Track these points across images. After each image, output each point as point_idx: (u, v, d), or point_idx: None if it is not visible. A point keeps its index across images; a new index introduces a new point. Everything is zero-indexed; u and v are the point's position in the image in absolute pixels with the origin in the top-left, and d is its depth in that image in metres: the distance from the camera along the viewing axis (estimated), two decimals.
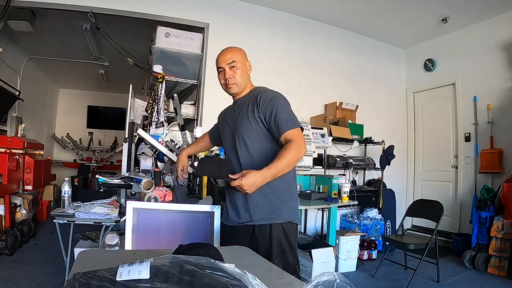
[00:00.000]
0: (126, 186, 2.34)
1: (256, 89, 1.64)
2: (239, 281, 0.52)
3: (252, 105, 1.55)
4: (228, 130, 1.67)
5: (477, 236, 3.56)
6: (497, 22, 4.01)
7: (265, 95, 1.54)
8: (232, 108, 1.71)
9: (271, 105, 1.51)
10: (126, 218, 1.35)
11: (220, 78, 1.63)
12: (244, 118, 1.56)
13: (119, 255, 1.05)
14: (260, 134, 1.53)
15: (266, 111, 1.51)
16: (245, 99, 1.63)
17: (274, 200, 1.51)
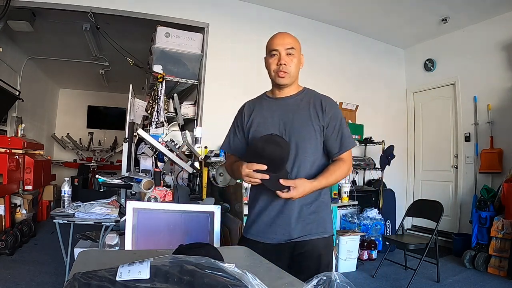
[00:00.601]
0: (126, 186, 2.34)
1: (308, 91, 1.47)
2: (239, 281, 0.52)
3: (314, 110, 1.38)
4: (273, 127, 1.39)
5: (477, 236, 3.56)
6: (497, 22, 4.01)
7: (330, 102, 1.40)
8: (273, 105, 1.44)
9: (337, 116, 1.38)
10: (126, 218, 1.35)
11: (271, 63, 1.39)
12: (306, 123, 1.37)
13: (119, 255, 1.05)
14: (318, 145, 1.38)
15: (330, 122, 1.36)
16: (297, 99, 1.43)
17: (324, 214, 1.41)
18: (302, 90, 1.47)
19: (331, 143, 1.37)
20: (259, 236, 1.39)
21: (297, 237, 1.34)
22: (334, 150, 1.38)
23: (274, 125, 1.39)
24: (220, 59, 3.81)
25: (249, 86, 3.98)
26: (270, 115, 1.42)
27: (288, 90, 1.44)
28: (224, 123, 3.88)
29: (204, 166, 2.57)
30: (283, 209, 1.36)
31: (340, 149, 1.37)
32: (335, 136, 1.36)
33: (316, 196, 1.37)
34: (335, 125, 1.37)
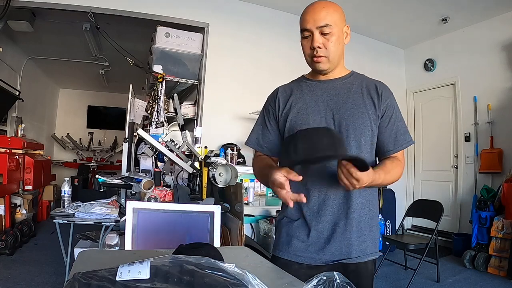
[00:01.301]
0: (126, 186, 2.34)
1: (357, 74, 1.20)
2: (239, 281, 0.52)
3: (369, 96, 1.12)
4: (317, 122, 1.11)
5: (477, 236, 3.56)
6: (497, 22, 4.01)
7: (386, 88, 1.15)
8: (317, 88, 1.16)
9: (393, 106, 1.14)
10: (126, 218, 1.35)
11: (304, 45, 1.12)
12: (361, 110, 1.10)
13: (119, 255, 1.05)
14: (374, 140, 1.13)
15: (386, 111, 1.12)
16: (346, 82, 1.15)
17: (375, 229, 1.16)
18: (350, 74, 1.19)
19: (384, 138, 1.12)
20: (297, 256, 1.11)
21: (355, 257, 1.09)
22: (387, 147, 1.13)
23: (319, 112, 1.11)
24: (220, 59, 3.81)
25: (249, 86, 4.00)
26: (313, 100, 1.14)
27: (332, 74, 1.16)
28: (224, 123, 3.93)
29: (204, 166, 2.57)
30: (338, 221, 1.09)
31: (395, 146, 1.12)
32: (390, 129, 1.12)
33: (369, 206, 1.14)
34: (391, 116, 1.12)
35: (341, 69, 1.17)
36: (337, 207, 1.10)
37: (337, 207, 1.10)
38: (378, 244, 1.17)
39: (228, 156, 3.34)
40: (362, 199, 1.12)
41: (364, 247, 1.11)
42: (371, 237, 1.13)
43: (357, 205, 1.11)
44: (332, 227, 1.09)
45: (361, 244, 1.10)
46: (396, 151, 1.13)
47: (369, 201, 1.14)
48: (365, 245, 1.11)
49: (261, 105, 1.32)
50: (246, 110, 3.75)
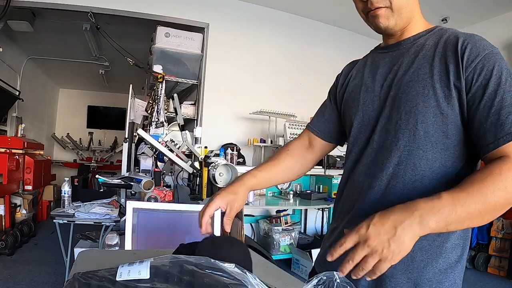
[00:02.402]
0: (126, 186, 2.34)
1: (440, 29, 0.82)
2: (239, 281, 0.52)
3: (442, 57, 0.73)
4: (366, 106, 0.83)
5: (477, 236, 3.57)
6: (497, 22, 4.01)
7: (474, 43, 0.71)
8: (380, 59, 0.88)
9: (489, 69, 0.67)
10: (126, 218, 1.35)
11: (356, 1, 0.87)
12: (422, 84, 0.73)
13: (119, 255, 1.05)
14: (448, 128, 0.71)
15: (475, 79, 0.68)
16: (417, 40, 0.81)
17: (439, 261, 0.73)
18: (429, 30, 0.84)
19: (478, 124, 0.67)
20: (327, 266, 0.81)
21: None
22: (485, 139, 0.66)
23: (373, 90, 0.83)
24: (220, 59, 3.81)
25: (250, 86, 4.00)
26: (372, 74, 0.86)
27: (405, 33, 0.84)
28: (224, 123, 3.93)
29: (204, 166, 2.57)
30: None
31: (498, 130, 0.64)
32: (487, 107, 0.66)
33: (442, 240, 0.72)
34: (487, 85, 0.67)
35: (416, 24, 0.84)
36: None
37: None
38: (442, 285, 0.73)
39: (228, 156, 3.34)
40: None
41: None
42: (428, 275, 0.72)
43: None
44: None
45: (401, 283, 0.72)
46: (502, 140, 0.63)
47: None
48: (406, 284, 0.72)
49: (261, 105, 1.27)
50: (246, 110, 3.75)
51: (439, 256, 0.72)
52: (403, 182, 0.73)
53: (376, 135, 0.79)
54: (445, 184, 0.71)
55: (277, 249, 3.30)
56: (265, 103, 3.61)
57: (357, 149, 0.84)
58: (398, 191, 0.73)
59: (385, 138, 0.77)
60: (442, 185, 0.71)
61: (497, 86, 0.66)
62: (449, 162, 0.72)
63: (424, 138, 0.72)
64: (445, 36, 0.77)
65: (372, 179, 0.77)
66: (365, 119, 0.83)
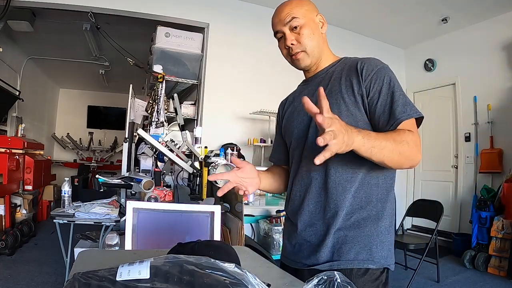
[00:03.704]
0: (126, 186, 2.34)
1: (346, 58, 1.08)
2: (239, 281, 0.52)
3: (347, 76, 0.99)
4: (299, 124, 1.08)
5: (477, 236, 3.57)
6: (497, 22, 4.01)
7: (370, 62, 0.97)
8: (305, 89, 1.12)
9: (381, 78, 0.94)
10: (126, 218, 1.35)
11: (281, 48, 1.10)
12: (335, 98, 0.97)
13: (119, 255, 1.05)
14: (357, 123, 0.94)
15: (371, 86, 0.94)
16: (328, 70, 1.07)
17: (372, 231, 0.96)
18: (337, 61, 1.09)
19: (378, 116, 0.93)
20: (286, 258, 1.11)
21: (323, 263, 0.96)
22: (382, 124, 0.92)
23: (302, 114, 1.07)
24: (220, 59, 3.81)
25: (250, 86, 4.00)
26: (300, 102, 1.01)
27: (320, 65, 1.09)
28: (224, 123, 3.92)
29: (204, 166, 2.57)
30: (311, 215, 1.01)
31: (390, 120, 0.91)
32: (383, 103, 0.92)
33: (364, 201, 0.96)
34: (381, 89, 0.93)
35: (327, 59, 1.09)
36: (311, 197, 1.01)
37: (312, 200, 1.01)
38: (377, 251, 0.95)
39: (228, 156, 3.34)
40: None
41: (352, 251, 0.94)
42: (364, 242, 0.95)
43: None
44: (305, 225, 1.02)
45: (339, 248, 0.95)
46: (395, 123, 0.89)
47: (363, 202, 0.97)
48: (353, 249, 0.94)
49: (261, 105, 1.37)
50: (246, 110, 3.75)
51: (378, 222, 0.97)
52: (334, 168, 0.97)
53: (309, 140, 1.02)
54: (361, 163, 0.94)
55: (277, 249, 3.30)
56: (265, 103, 3.61)
57: (297, 155, 1.07)
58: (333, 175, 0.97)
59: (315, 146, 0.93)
60: (357, 167, 0.96)
61: (387, 90, 0.93)
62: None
63: None
64: (349, 62, 1.03)
65: (314, 173, 1.01)
66: (299, 133, 1.07)
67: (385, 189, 0.99)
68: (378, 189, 0.98)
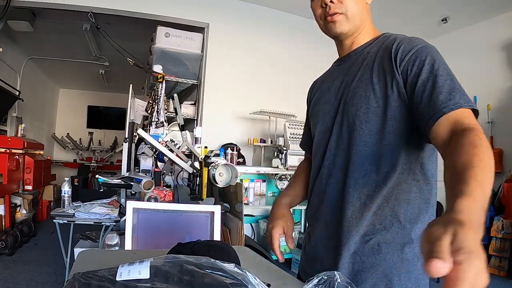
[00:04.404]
0: (126, 186, 2.34)
1: (385, 36, 0.88)
2: (239, 281, 0.52)
3: (380, 61, 0.81)
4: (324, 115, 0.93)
5: None
6: (497, 22, 4.01)
7: (407, 42, 0.80)
8: (336, 71, 0.97)
9: (421, 59, 0.75)
10: (126, 218, 1.35)
11: (314, 8, 0.89)
12: (364, 85, 0.82)
13: (119, 255, 1.05)
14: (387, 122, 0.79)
15: (409, 72, 0.75)
16: (364, 50, 0.89)
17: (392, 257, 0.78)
18: (376, 38, 0.90)
19: (419, 108, 0.73)
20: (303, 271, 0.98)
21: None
22: (424, 118, 0.71)
23: (329, 100, 0.92)
24: (220, 59, 3.81)
25: (249, 86, 4.00)
26: (329, 86, 0.95)
27: (356, 41, 0.90)
28: (224, 123, 3.93)
29: (204, 166, 2.57)
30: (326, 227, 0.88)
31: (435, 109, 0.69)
32: (420, 90, 0.73)
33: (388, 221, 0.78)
34: (420, 73, 0.74)
35: (366, 34, 0.90)
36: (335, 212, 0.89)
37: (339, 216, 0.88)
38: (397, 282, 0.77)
39: (228, 156, 3.34)
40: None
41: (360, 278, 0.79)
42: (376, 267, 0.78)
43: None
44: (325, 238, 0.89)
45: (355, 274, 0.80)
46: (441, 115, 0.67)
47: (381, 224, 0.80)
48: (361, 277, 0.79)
49: (261, 105, 1.29)
50: (246, 110, 3.75)
51: (404, 247, 0.78)
52: (354, 178, 0.82)
53: (332, 139, 0.88)
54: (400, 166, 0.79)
55: None
56: (265, 103, 3.61)
57: (319, 154, 0.92)
58: (352, 185, 0.82)
59: (340, 141, 0.86)
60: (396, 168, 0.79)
61: (429, 73, 0.73)
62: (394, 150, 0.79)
63: (369, 137, 0.81)
64: (387, 42, 0.85)
65: (332, 180, 0.87)
66: (324, 126, 0.92)
67: (417, 206, 0.79)
68: (408, 207, 0.78)
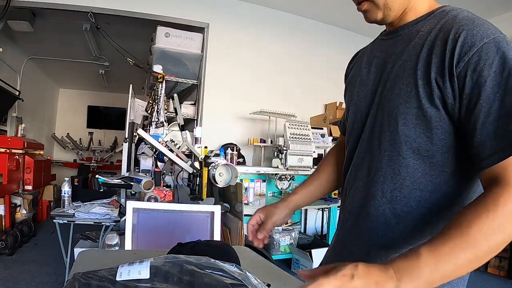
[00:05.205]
0: (126, 186, 2.34)
1: (444, 11, 0.69)
2: (239, 281, 0.52)
3: (431, 49, 0.63)
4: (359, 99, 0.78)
5: None
6: (497, 22, 3.97)
7: (470, 32, 0.59)
8: (378, 46, 0.79)
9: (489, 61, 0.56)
10: (126, 218, 1.35)
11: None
12: (406, 79, 0.65)
13: (119, 255, 1.05)
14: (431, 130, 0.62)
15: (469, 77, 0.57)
16: (412, 28, 0.70)
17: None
18: (428, 13, 0.70)
19: (473, 135, 0.57)
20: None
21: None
22: (481, 153, 0.56)
23: (367, 82, 0.77)
24: (220, 59, 3.81)
25: (250, 86, 4.00)
26: (368, 65, 0.78)
27: (404, 18, 0.72)
28: (224, 123, 3.93)
29: (204, 166, 2.57)
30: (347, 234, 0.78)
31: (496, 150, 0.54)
32: (484, 116, 0.55)
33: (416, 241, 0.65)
34: (484, 82, 0.55)
35: (417, 8, 0.71)
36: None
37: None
38: None
39: (228, 156, 3.34)
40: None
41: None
42: None
43: None
44: None
45: None
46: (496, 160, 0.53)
47: None
48: None
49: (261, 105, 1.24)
50: (246, 110, 3.75)
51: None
52: (381, 190, 0.68)
53: (365, 135, 0.74)
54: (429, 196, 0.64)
55: (277, 249, 3.30)
56: (265, 103, 3.61)
57: (350, 148, 0.80)
58: (377, 199, 0.69)
59: (371, 140, 0.72)
60: (425, 196, 0.64)
61: (497, 87, 0.54)
62: (434, 172, 0.64)
63: (405, 143, 0.65)
64: (443, 20, 0.66)
65: (358, 182, 0.75)
66: (357, 115, 0.78)
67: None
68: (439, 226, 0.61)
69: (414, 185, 0.65)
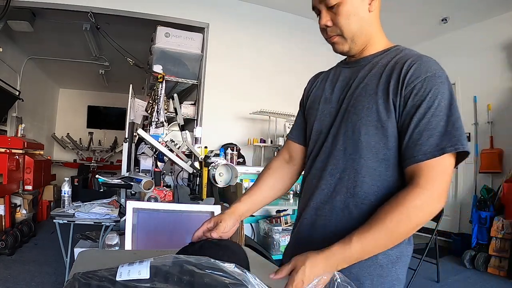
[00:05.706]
0: (126, 186, 2.34)
1: (398, 49, 0.86)
2: (239, 281, 0.52)
3: (389, 75, 0.80)
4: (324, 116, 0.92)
5: (477, 236, 3.56)
6: (497, 22, 4.01)
7: (420, 65, 0.77)
8: (341, 72, 0.94)
9: (427, 90, 0.74)
10: (126, 218, 1.35)
11: (320, 24, 0.88)
12: (369, 99, 0.81)
13: (119, 255, 1.05)
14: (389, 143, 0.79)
15: (411, 98, 0.75)
16: (373, 60, 0.87)
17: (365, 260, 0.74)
18: (386, 50, 0.87)
19: (404, 140, 0.76)
20: None
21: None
22: (406, 155, 0.76)
23: (330, 101, 0.91)
24: (220, 59, 3.81)
25: (250, 86, 4.00)
26: (332, 87, 0.93)
27: (365, 51, 0.89)
28: (224, 123, 3.93)
29: (204, 166, 2.57)
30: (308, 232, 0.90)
31: (414, 152, 0.73)
32: (413, 127, 0.74)
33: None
34: (420, 105, 0.74)
35: (376, 44, 0.87)
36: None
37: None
38: None
39: (228, 156, 3.34)
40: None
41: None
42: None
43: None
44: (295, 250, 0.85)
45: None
46: (414, 161, 0.73)
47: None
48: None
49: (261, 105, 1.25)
50: (246, 110, 3.75)
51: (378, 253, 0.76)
52: (346, 186, 0.82)
53: (328, 142, 0.88)
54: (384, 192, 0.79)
55: (277, 249, 3.30)
56: (265, 103, 3.61)
57: (313, 154, 0.92)
58: (342, 193, 0.83)
59: (335, 146, 0.85)
60: (381, 191, 0.79)
61: (428, 109, 0.73)
62: (389, 171, 0.80)
63: (366, 149, 0.80)
64: (398, 56, 0.83)
65: (322, 182, 0.87)
66: (321, 127, 0.91)
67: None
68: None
69: (372, 182, 0.80)
